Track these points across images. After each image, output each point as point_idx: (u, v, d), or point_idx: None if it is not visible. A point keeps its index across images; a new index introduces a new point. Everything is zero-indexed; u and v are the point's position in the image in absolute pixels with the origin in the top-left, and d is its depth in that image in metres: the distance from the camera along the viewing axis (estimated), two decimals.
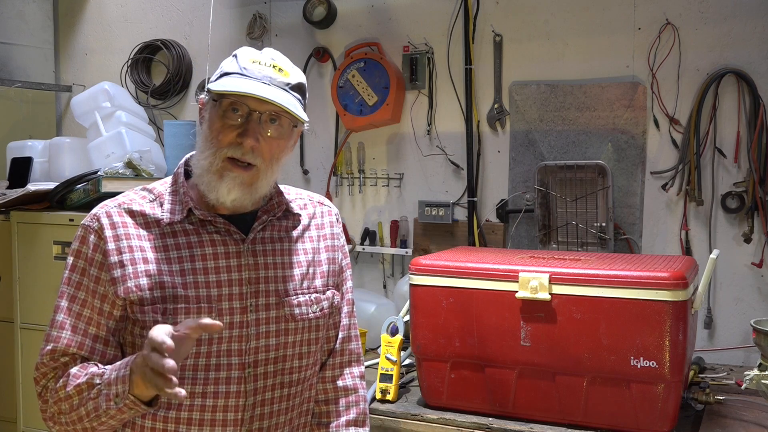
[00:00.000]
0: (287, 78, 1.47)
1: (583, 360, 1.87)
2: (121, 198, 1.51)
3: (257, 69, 1.45)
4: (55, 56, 3.75)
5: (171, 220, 1.47)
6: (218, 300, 1.45)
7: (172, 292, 1.42)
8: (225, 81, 1.43)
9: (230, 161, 1.43)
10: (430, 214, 2.87)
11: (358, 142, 3.06)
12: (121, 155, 2.93)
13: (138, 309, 1.42)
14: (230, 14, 3.28)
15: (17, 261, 2.88)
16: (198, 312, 1.42)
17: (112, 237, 1.44)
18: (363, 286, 3.07)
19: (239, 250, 1.49)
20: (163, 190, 1.52)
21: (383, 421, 2.04)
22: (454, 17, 2.86)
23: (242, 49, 1.50)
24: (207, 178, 1.45)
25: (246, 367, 1.46)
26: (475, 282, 1.98)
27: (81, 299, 1.45)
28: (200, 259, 1.46)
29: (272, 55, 1.50)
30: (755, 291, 2.48)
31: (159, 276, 1.43)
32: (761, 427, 1.90)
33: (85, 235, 1.47)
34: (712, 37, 2.50)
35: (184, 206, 1.48)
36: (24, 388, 2.89)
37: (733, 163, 2.48)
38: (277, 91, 1.43)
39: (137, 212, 1.48)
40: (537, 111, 2.74)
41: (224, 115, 1.42)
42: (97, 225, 1.46)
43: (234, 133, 1.42)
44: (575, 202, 2.57)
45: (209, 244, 1.47)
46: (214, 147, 1.43)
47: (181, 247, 1.46)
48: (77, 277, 1.46)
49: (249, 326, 1.47)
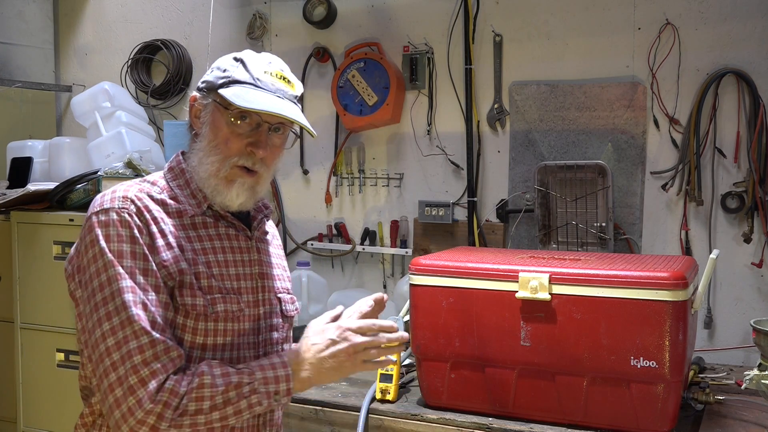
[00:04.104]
0: (294, 91, 1.51)
1: (583, 360, 1.87)
2: (132, 186, 1.47)
3: (270, 81, 1.47)
4: (55, 56, 3.75)
5: (194, 213, 1.48)
6: (238, 292, 1.49)
7: (207, 282, 1.44)
8: (240, 92, 1.43)
9: (240, 169, 1.46)
10: (430, 214, 2.87)
11: (358, 142, 3.06)
12: (121, 155, 2.93)
13: (189, 293, 1.41)
14: (230, 14, 3.28)
15: (17, 261, 2.88)
16: (230, 302, 1.46)
17: (151, 219, 1.42)
18: (363, 286, 3.07)
19: (249, 246, 1.54)
20: (165, 183, 1.51)
21: (383, 421, 2.04)
22: (454, 17, 2.86)
23: (249, 56, 1.50)
24: (213, 183, 1.46)
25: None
26: (475, 282, 1.98)
27: (152, 285, 1.38)
28: (221, 252, 1.49)
29: (280, 65, 1.52)
30: (755, 291, 2.48)
31: (195, 265, 1.44)
32: (761, 427, 1.90)
33: (121, 218, 1.39)
34: (712, 37, 2.50)
35: (201, 201, 1.49)
36: (24, 388, 2.89)
37: (733, 163, 2.48)
38: (290, 106, 1.47)
39: (159, 200, 1.46)
40: (537, 111, 2.74)
41: (232, 123, 1.44)
42: (133, 207, 1.41)
43: (243, 142, 1.45)
44: (575, 202, 2.57)
45: (226, 238, 1.51)
46: (222, 154, 1.45)
47: (203, 239, 1.48)
48: (130, 263, 1.36)
49: (260, 319, 1.53)
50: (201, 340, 1.43)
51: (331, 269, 3.12)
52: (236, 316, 1.47)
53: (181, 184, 1.51)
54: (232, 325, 1.46)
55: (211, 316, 1.43)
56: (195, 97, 1.51)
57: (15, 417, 2.93)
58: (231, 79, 1.46)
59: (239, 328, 1.48)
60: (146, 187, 1.48)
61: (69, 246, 2.75)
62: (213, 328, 1.43)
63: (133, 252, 1.37)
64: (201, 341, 1.43)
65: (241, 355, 1.48)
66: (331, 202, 3.11)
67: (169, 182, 1.51)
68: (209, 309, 1.42)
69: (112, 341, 1.32)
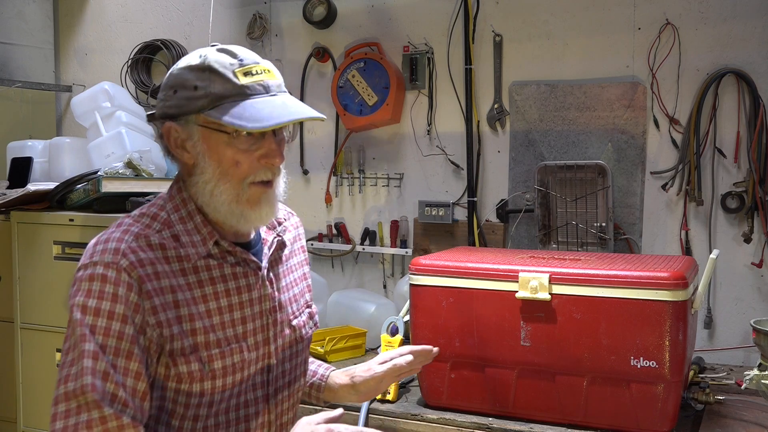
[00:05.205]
0: (278, 79, 1.36)
1: (583, 360, 1.87)
2: (128, 231, 1.31)
3: (255, 82, 1.31)
4: (55, 56, 3.75)
5: (197, 256, 1.34)
6: (244, 337, 1.37)
7: (204, 339, 1.31)
8: (235, 110, 1.27)
9: (259, 185, 1.34)
10: (430, 214, 2.87)
11: (358, 142, 3.06)
12: (121, 155, 2.93)
13: (182, 360, 1.29)
14: (230, 14, 3.28)
15: (17, 261, 2.88)
16: (231, 354, 1.34)
17: (145, 276, 1.27)
18: (363, 286, 3.07)
19: (258, 281, 1.41)
20: (166, 216, 1.36)
21: (383, 421, 2.04)
22: (454, 17, 2.86)
23: (213, 61, 1.31)
24: (239, 210, 1.33)
25: (269, 399, 1.44)
26: (475, 282, 1.98)
27: (124, 351, 1.24)
28: (224, 296, 1.36)
29: (249, 57, 1.34)
30: (755, 291, 2.48)
31: (191, 321, 1.30)
32: (761, 427, 1.90)
33: (107, 274, 1.25)
34: (712, 37, 2.50)
35: (207, 237, 1.35)
36: (24, 388, 2.89)
37: (733, 163, 2.48)
38: (291, 101, 1.34)
39: (156, 245, 1.31)
40: (537, 111, 2.74)
41: (234, 143, 1.30)
42: (124, 262, 1.26)
43: (253, 157, 1.32)
44: (575, 202, 2.57)
45: (231, 278, 1.37)
46: (235, 178, 1.32)
47: (204, 285, 1.34)
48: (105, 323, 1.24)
49: (271, 357, 1.43)
50: (196, 401, 1.32)
51: (331, 269, 3.12)
52: (237, 368, 1.35)
53: (183, 216, 1.36)
54: (232, 378, 1.35)
55: (208, 375, 1.31)
56: (171, 127, 1.33)
57: (15, 417, 2.93)
58: (211, 96, 1.29)
59: (241, 377, 1.37)
60: (143, 228, 1.33)
61: (69, 246, 2.75)
62: (210, 386, 1.32)
63: (112, 312, 1.23)
64: (196, 402, 1.33)
65: (247, 399, 1.40)
66: (331, 202, 3.11)
67: (170, 214, 1.36)
68: (205, 368, 1.30)
69: (63, 408, 1.21)
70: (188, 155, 1.34)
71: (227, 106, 1.28)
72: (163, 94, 1.35)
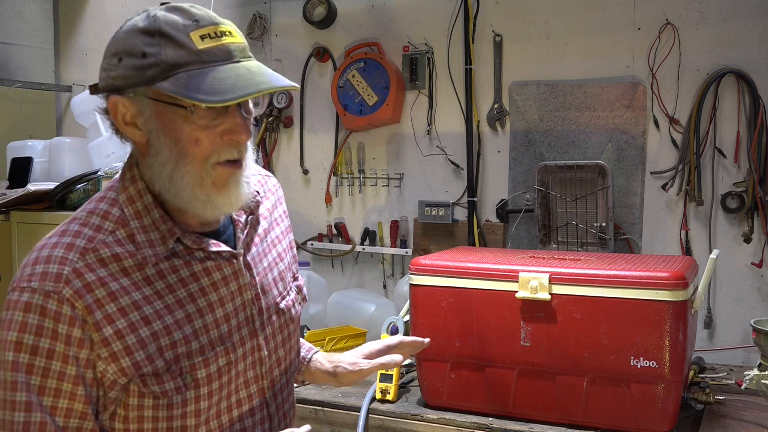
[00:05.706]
0: (242, 41, 1.17)
1: (583, 360, 1.87)
2: (76, 241, 1.14)
3: (215, 47, 1.12)
4: (55, 56, 3.75)
5: (157, 260, 1.18)
6: (229, 335, 1.24)
7: (185, 349, 1.18)
8: (191, 82, 1.10)
9: (225, 165, 1.16)
10: (430, 214, 2.87)
11: (358, 142, 3.06)
12: (121, 155, 2.93)
13: (154, 381, 1.15)
14: (230, 14, 3.27)
15: (17, 261, 2.88)
16: (216, 358, 1.21)
17: (94, 303, 1.11)
18: (363, 286, 3.07)
19: (235, 270, 1.26)
20: (119, 213, 1.19)
21: (383, 421, 2.04)
22: (454, 17, 2.86)
23: (163, 23, 1.13)
24: (203, 195, 1.16)
25: (266, 391, 1.33)
26: (475, 282, 1.98)
27: (68, 392, 1.11)
28: (200, 296, 1.21)
29: (208, 17, 1.15)
30: (755, 291, 2.48)
31: (167, 334, 1.16)
32: (761, 427, 1.90)
33: (46, 305, 1.09)
34: (712, 37, 2.50)
35: (166, 235, 1.19)
36: None
37: (733, 163, 2.48)
38: (258, 68, 1.15)
39: (108, 258, 1.14)
40: (537, 111, 2.74)
41: (192, 118, 1.13)
42: (69, 291, 1.10)
43: (214, 133, 1.14)
44: (575, 202, 2.57)
45: (204, 274, 1.22)
46: (195, 157, 1.14)
47: (175, 289, 1.19)
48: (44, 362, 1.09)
49: (261, 349, 1.31)
50: (179, 412, 1.19)
51: (331, 269, 3.12)
52: (223, 371, 1.23)
53: (139, 210, 1.19)
54: (219, 381, 1.23)
55: (191, 385, 1.19)
56: (117, 102, 1.16)
57: None
58: (163, 65, 1.11)
59: (228, 378, 1.25)
60: (93, 233, 1.16)
61: None
62: (194, 395, 1.19)
63: (51, 350, 1.09)
64: (180, 413, 1.20)
65: (240, 397, 1.29)
66: (331, 202, 3.11)
67: (124, 209, 1.19)
68: (187, 379, 1.18)
69: None
70: (140, 133, 1.17)
71: (182, 76, 1.10)
72: (107, 63, 1.18)
